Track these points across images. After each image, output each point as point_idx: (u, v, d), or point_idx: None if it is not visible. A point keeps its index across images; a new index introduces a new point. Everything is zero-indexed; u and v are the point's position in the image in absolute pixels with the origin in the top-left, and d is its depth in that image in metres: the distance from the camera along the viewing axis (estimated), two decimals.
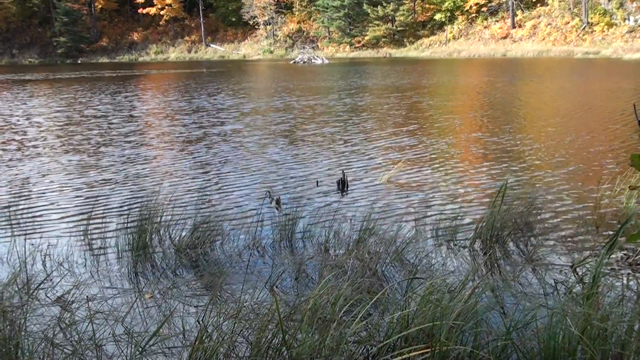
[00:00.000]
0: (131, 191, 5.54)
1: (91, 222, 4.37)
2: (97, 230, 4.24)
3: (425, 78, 21.70)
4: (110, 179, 6.08)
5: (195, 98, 15.30)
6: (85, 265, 3.66)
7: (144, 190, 5.55)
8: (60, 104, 14.30)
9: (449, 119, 10.51)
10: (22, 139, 9.05)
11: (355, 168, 6.41)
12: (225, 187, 5.63)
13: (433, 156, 7.02)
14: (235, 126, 10.06)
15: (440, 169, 6.30)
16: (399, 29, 50.87)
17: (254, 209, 4.76)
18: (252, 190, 5.50)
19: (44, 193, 5.54)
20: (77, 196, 5.40)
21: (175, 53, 55.76)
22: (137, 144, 8.37)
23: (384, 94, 15.53)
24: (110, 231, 4.22)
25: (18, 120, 11.29)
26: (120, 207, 4.95)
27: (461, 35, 48.57)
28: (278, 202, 4.91)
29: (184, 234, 3.98)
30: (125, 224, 4.04)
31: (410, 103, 13.23)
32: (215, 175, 6.20)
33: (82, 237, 4.13)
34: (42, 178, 6.20)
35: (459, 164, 6.53)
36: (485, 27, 47.87)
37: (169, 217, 4.23)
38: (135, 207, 4.65)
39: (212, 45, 57.12)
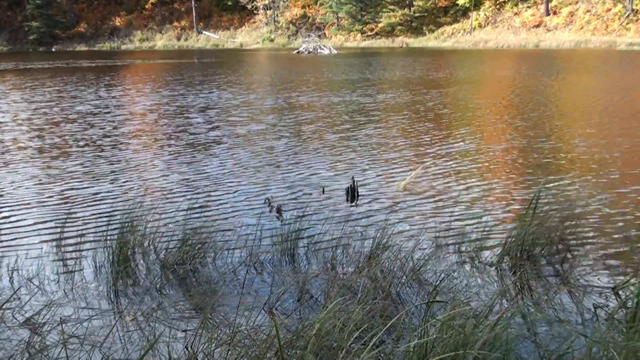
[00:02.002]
0: (112, 198, 5.56)
1: (65, 232, 4.39)
2: (72, 242, 4.25)
3: (447, 72, 21.76)
4: (88, 185, 6.11)
5: (185, 93, 15.38)
6: (58, 282, 3.67)
7: (126, 197, 5.57)
8: (30, 99, 14.40)
9: (474, 119, 10.52)
10: None
11: (367, 174, 6.43)
12: (218, 194, 5.66)
13: (456, 161, 7.03)
14: (231, 126, 10.11)
15: (465, 175, 6.31)
16: (417, 15, 51.17)
17: (252, 220, 4.77)
18: (249, 197, 5.51)
19: (11, 199, 5.55)
20: (50, 203, 5.42)
21: (163, 41, 56.17)
22: (118, 145, 8.41)
23: (400, 90, 15.58)
24: (87, 243, 4.24)
25: None
26: (99, 215, 4.96)
27: (488, 23, 48.73)
28: (279, 211, 4.92)
29: (171, 247, 3.99)
30: (105, 236, 4.06)
31: (429, 100, 13.27)
32: (208, 180, 6.23)
33: (55, 250, 4.14)
34: (10, 183, 6.21)
35: (485, 170, 6.55)
36: (515, 14, 47.98)
37: (155, 228, 4.24)
38: (117, 216, 4.64)
39: (204, 32, 57.47)
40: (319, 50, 39.94)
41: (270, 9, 56.52)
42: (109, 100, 14.08)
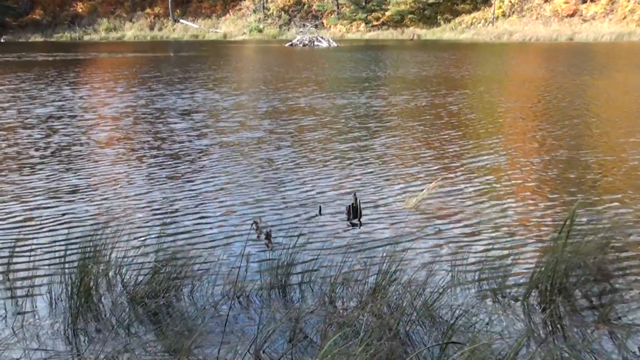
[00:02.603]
0: (73, 219, 5.53)
1: (15, 260, 4.37)
2: (23, 272, 4.23)
3: (469, 69, 21.92)
4: (46, 203, 6.09)
5: (165, 93, 15.43)
6: (5, 318, 3.65)
7: (90, 218, 5.55)
8: None
9: (503, 126, 10.57)
10: None
11: (372, 190, 6.45)
12: (200, 215, 5.65)
13: (478, 176, 7.06)
14: (218, 133, 10.16)
15: (487, 193, 6.32)
16: (430, 1, 51.51)
17: (237, 246, 4.77)
18: (233, 219, 5.51)
19: None
20: None
21: (133, 30, 56.36)
22: (84, 155, 8.41)
23: (416, 91, 15.69)
24: (41, 272, 4.22)
25: None
26: (57, 240, 4.94)
27: (513, 12, 49.13)
28: (268, 236, 4.91)
29: (141, 277, 3.98)
30: (63, 264, 4.04)
31: (450, 103, 13.35)
32: (189, 198, 6.23)
33: (1, 281, 4.12)
34: None
35: (513, 187, 6.57)
36: (545, 1, 48.37)
37: (122, 254, 4.22)
38: (77, 241, 4.60)
39: (182, 20, 57.74)
40: (316, 43, 40.24)
41: None
42: (74, 101, 14.11)
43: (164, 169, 7.54)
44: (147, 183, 6.82)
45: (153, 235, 4.92)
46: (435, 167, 7.47)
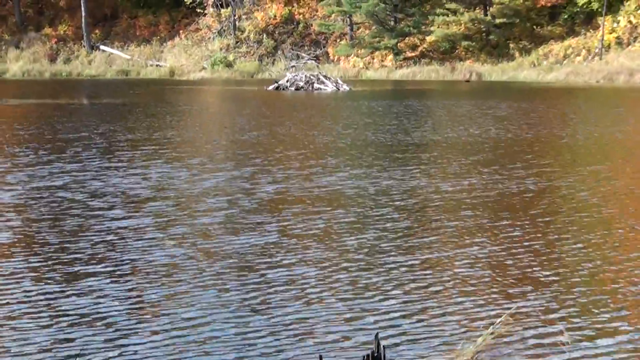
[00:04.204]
0: None
1: None
2: None
3: (565, 130, 22.05)
4: None
5: (65, 170, 15.08)
6: None
7: None
8: None
9: (603, 227, 10.40)
10: None
11: (403, 329, 6.38)
12: None
13: (570, 308, 6.95)
14: (174, 239, 9.91)
15: (583, 335, 6.24)
16: (497, 21, 51.07)
17: None
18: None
19: None
20: None
21: (22, 63, 55.42)
22: None
23: (484, 166, 15.59)
24: None
25: None
26: None
27: (635, 39, 48.86)
28: None
29: None
30: None
31: (523, 191, 13.08)
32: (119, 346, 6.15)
33: None
34: None
35: (619, 328, 6.48)
36: None
37: None
38: None
39: (102, 47, 56.88)
40: (316, 86, 39.49)
41: (227, 7, 56.11)
42: None
43: (59, 294, 7.46)
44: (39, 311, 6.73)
45: None
46: (501, 294, 7.42)
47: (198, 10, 56.56)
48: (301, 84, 39.76)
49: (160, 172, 14.13)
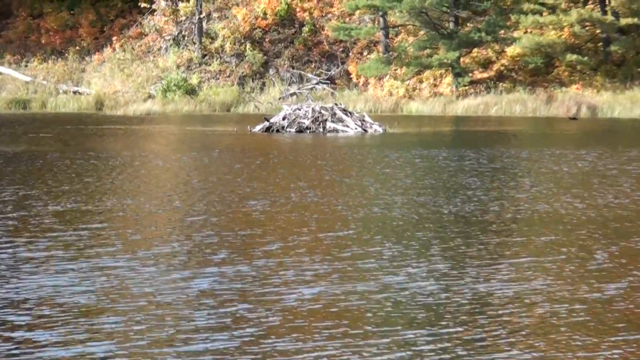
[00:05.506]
0: None
1: None
2: None
3: None
4: None
5: None
6: None
7: None
8: None
9: None
10: None
11: None
12: None
13: None
14: None
15: None
16: (623, 22, 39.29)
17: None
18: None
19: None
20: None
21: None
22: None
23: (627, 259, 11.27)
24: None
25: None
26: None
27: None
28: None
29: None
30: None
31: None
32: None
33: None
34: None
35: None
36: None
37: None
38: None
39: None
40: (330, 126, 29.05)
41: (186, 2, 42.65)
42: None
43: None
44: None
45: None
46: None
47: (142, 5, 44.58)
48: (306, 122, 29.04)
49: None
